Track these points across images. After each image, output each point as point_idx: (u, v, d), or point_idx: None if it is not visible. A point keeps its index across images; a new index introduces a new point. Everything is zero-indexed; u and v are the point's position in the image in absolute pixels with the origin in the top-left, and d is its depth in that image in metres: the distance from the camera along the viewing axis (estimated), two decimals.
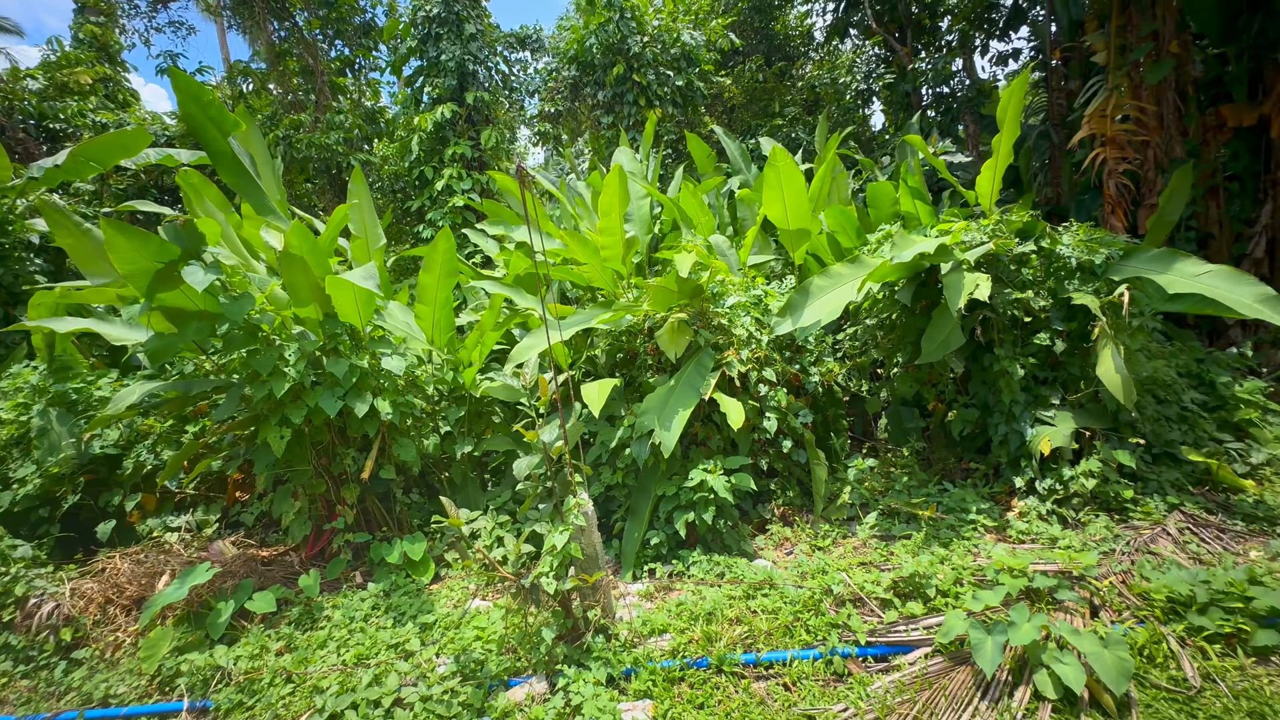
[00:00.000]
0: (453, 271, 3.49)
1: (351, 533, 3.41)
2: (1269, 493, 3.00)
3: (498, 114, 7.97)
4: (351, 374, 3.16)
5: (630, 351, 3.95)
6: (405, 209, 8.02)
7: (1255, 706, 1.69)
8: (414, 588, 3.10)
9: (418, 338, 3.81)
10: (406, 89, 7.86)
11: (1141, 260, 3.22)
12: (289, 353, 3.11)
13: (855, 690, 1.98)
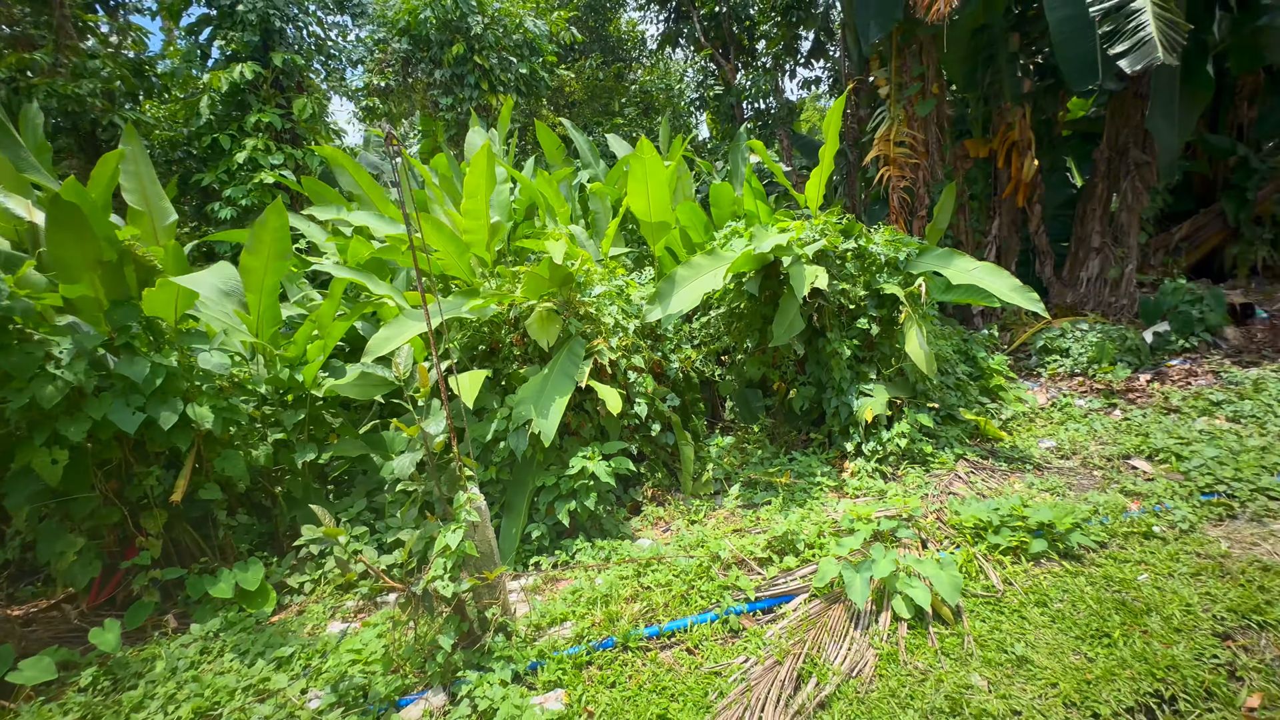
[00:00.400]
0: (284, 254, 3.02)
1: (158, 569, 2.80)
2: (1017, 439, 3.87)
3: (310, 82, 7.05)
4: (154, 375, 2.59)
5: (493, 343, 3.80)
6: (192, 184, 6.72)
7: (1039, 597, 2.18)
8: (252, 622, 2.64)
9: (239, 330, 3.23)
10: (190, 38, 6.57)
11: (931, 257, 3.94)
12: (60, 349, 2.45)
13: (752, 642, 2.15)
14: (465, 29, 6.75)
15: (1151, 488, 2.85)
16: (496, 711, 1.89)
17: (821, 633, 2.12)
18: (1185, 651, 1.86)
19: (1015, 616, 2.10)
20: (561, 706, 1.94)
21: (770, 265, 3.97)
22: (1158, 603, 2.06)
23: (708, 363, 4.70)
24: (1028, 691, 1.78)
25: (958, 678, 1.86)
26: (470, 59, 6.82)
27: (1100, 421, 3.89)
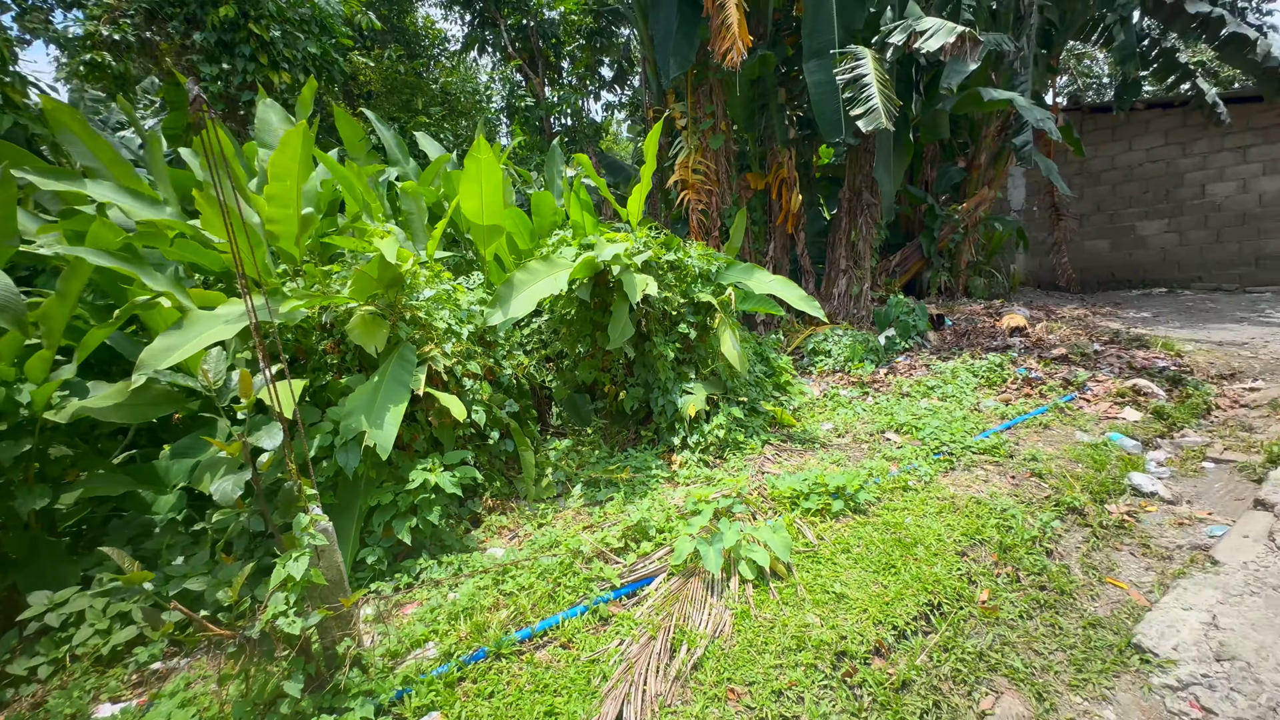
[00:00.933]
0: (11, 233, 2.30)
1: None
2: (805, 425, 4.62)
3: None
4: None
5: (299, 351, 3.36)
6: None
7: (843, 546, 2.67)
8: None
9: None
10: None
11: (736, 271, 4.52)
12: None
13: (624, 625, 2.25)
14: None
15: (902, 453, 3.66)
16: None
17: (685, 604, 2.32)
18: (941, 569, 2.46)
19: (830, 564, 2.54)
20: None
21: (600, 274, 4.16)
22: (920, 537, 2.69)
23: (539, 369, 4.72)
24: (848, 620, 2.18)
25: (798, 620, 2.20)
26: (244, 26, 5.87)
27: (860, 406, 4.84)
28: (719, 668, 2.01)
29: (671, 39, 7.27)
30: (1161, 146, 10.52)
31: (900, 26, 6.28)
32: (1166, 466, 3.49)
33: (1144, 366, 5.06)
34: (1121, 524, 2.87)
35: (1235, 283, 10.11)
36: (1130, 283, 11.03)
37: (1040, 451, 3.56)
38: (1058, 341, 5.98)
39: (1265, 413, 4.15)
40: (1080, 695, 1.90)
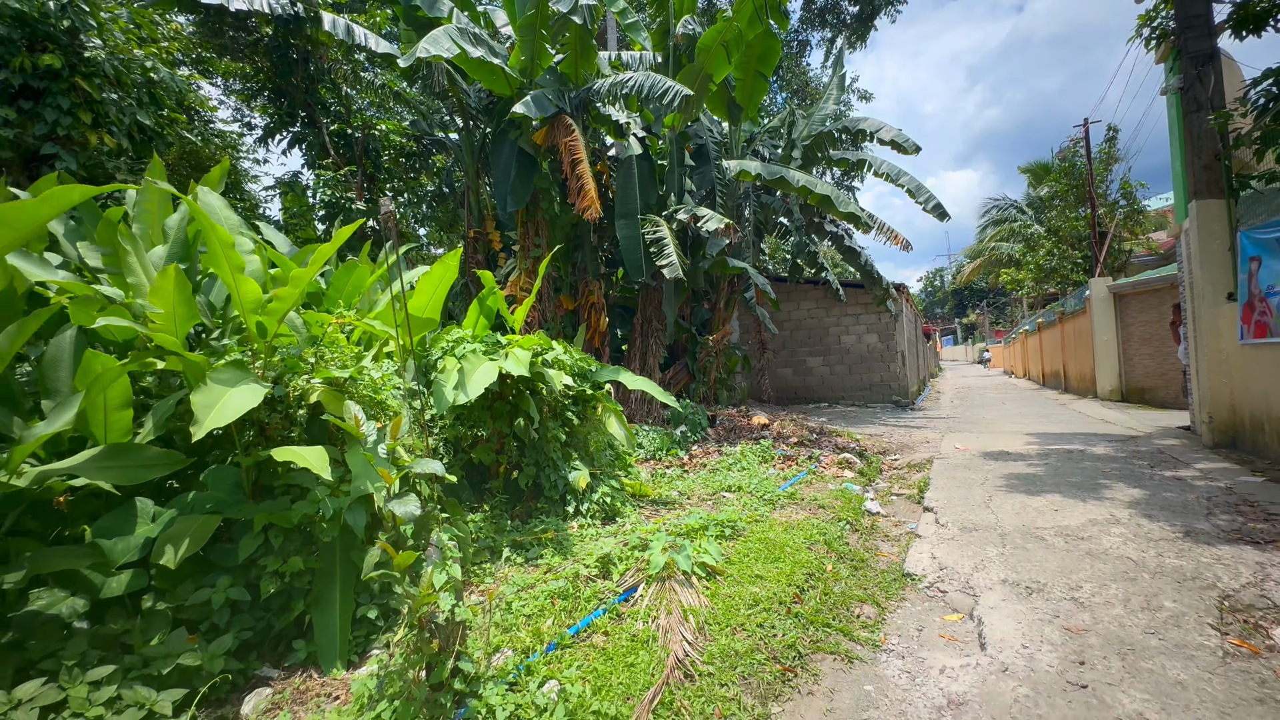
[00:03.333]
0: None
1: None
2: (657, 493, 5.85)
3: None
4: None
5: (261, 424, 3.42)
6: None
7: (743, 552, 3.91)
8: None
9: None
10: None
11: (608, 371, 5.77)
12: None
13: (639, 614, 3.06)
14: (71, 45, 5.26)
15: (742, 502, 5.17)
16: (499, 710, 2.21)
17: (672, 595, 3.24)
18: (803, 557, 3.88)
19: (741, 562, 3.75)
20: (559, 687, 2.40)
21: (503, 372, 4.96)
22: (783, 543, 4.11)
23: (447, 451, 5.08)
24: (771, 588, 3.40)
25: (744, 591, 3.33)
26: (69, 79, 5.29)
27: (691, 479, 6.33)
28: (717, 620, 3.00)
29: (509, 182, 8.69)
30: (815, 308, 15.63)
31: (685, 208, 8.84)
32: (876, 500, 5.71)
33: (844, 447, 7.78)
34: (872, 527, 4.78)
35: (860, 401, 15.18)
36: (805, 398, 15.54)
37: (815, 496, 5.47)
38: (790, 434, 8.58)
39: (906, 470, 6.95)
40: (892, 597, 3.44)
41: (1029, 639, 2.79)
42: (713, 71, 9.00)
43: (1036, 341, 23.93)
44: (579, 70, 8.62)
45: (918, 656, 2.76)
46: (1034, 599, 3.22)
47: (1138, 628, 2.81)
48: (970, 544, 4.17)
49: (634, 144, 9.07)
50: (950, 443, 8.69)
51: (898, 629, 3.07)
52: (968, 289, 66.79)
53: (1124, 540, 3.99)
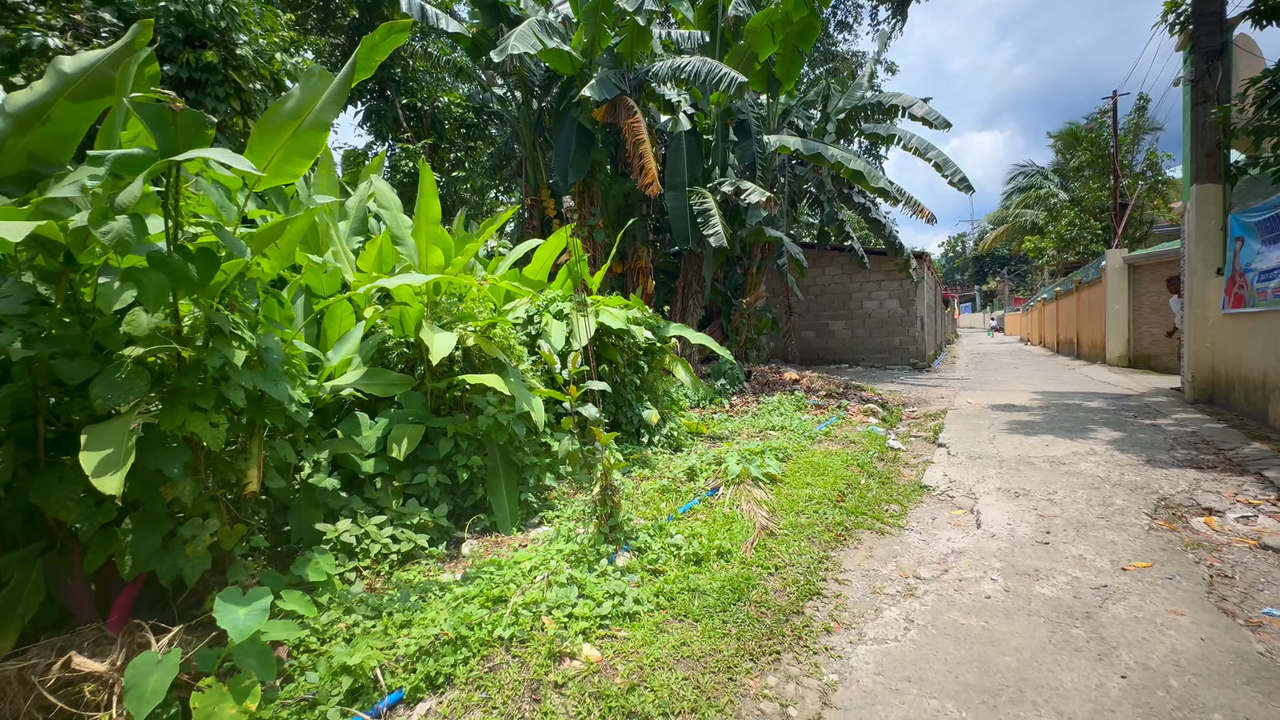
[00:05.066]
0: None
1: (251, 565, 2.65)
2: (711, 430, 6.96)
3: None
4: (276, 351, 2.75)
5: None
6: None
7: (794, 470, 5.01)
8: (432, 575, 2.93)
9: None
10: None
11: (673, 328, 6.80)
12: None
13: (719, 508, 4.17)
14: (225, 42, 6.20)
15: (786, 438, 6.26)
16: (650, 549, 3.33)
17: (746, 491, 4.35)
18: (842, 475, 4.97)
19: (794, 476, 4.85)
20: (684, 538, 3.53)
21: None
22: (824, 466, 5.19)
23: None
24: (819, 491, 4.49)
25: (801, 492, 4.43)
26: (223, 71, 6.27)
27: (735, 421, 7.43)
28: (783, 509, 4.11)
29: (569, 155, 9.56)
30: (839, 274, 16.42)
31: (728, 180, 9.66)
32: (897, 440, 6.77)
33: (868, 399, 8.82)
34: (895, 458, 5.86)
35: (880, 363, 16.12)
36: (827, 360, 16.51)
37: (847, 435, 6.54)
38: (820, 387, 9.62)
39: (923, 419, 8.00)
40: (912, 500, 4.53)
41: (1012, 521, 3.87)
42: (758, 51, 9.69)
43: (1053, 310, 24.51)
44: (634, 50, 9.36)
45: (931, 532, 3.85)
46: (1020, 500, 4.29)
47: (1093, 515, 3.88)
48: (974, 467, 5.24)
49: (684, 120, 9.86)
50: (963, 398, 9.69)
51: (916, 518, 4.17)
52: (989, 256, 66.33)
53: (1096, 465, 5.03)
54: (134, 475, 2.21)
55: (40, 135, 2.47)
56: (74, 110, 2.42)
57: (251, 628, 1.91)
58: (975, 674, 2.22)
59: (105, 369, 2.05)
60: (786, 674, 2.26)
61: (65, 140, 2.58)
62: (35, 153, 2.52)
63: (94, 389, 1.97)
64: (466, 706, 2.02)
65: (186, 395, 2.26)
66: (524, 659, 2.25)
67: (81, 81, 2.37)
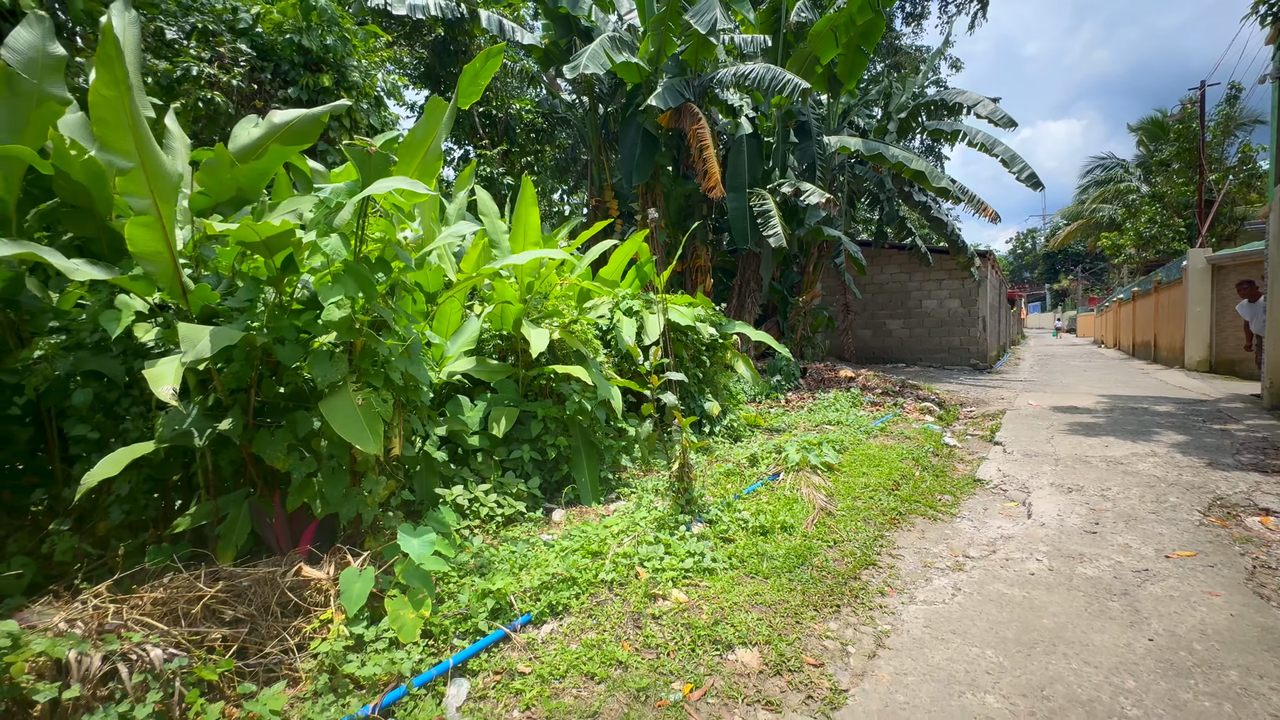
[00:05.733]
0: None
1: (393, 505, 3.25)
2: (768, 423, 7.31)
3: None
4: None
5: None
6: None
7: (851, 460, 5.33)
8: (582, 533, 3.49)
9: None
10: None
11: (736, 325, 7.18)
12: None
13: (787, 487, 4.56)
14: (340, 67, 7.01)
15: (843, 432, 6.55)
16: (721, 521, 3.75)
17: (806, 477, 4.72)
18: (897, 467, 5.25)
19: (851, 466, 5.17)
20: (749, 514, 3.94)
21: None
22: (880, 458, 5.48)
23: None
24: (875, 480, 4.81)
25: (858, 480, 4.76)
26: (335, 92, 7.06)
27: (792, 415, 7.74)
28: (840, 494, 4.46)
29: (634, 159, 10.04)
30: (898, 272, 16.29)
31: (788, 181, 9.92)
32: (953, 437, 6.94)
33: (924, 398, 8.94)
34: (950, 454, 6.07)
35: (938, 363, 15.93)
36: (883, 359, 16.43)
37: (902, 431, 6.77)
38: (875, 385, 9.78)
39: (980, 418, 8.08)
40: (965, 492, 4.78)
41: (1062, 512, 4.09)
42: (820, 54, 9.89)
43: (1130, 311, 23.32)
44: (698, 57, 9.73)
45: (982, 520, 4.13)
46: (1072, 494, 4.48)
47: (1144, 510, 4.05)
48: (1030, 464, 5.41)
49: (745, 124, 10.17)
50: (1024, 400, 9.64)
51: (968, 508, 4.44)
52: (1062, 252, 62.93)
53: (1155, 466, 5.12)
54: (329, 437, 2.83)
55: (248, 169, 3.13)
56: (280, 151, 3.06)
57: (425, 553, 2.48)
58: (1014, 630, 2.56)
59: (315, 352, 2.66)
60: (845, 622, 2.66)
61: (263, 176, 3.24)
62: (242, 184, 3.19)
63: (313, 368, 2.58)
64: (583, 628, 2.53)
65: (363, 375, 2.85)
66: (624, 597, 2.74)
67: (287, 129, 3.00)
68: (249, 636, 2.18)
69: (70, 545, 2.70)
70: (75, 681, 1.69)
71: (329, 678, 2.11)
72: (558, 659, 2.31)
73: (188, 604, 2.12)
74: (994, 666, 2.31)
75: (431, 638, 2.38)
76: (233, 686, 2.02)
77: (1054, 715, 2.02)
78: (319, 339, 2.79)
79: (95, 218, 2.89)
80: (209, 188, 3.11)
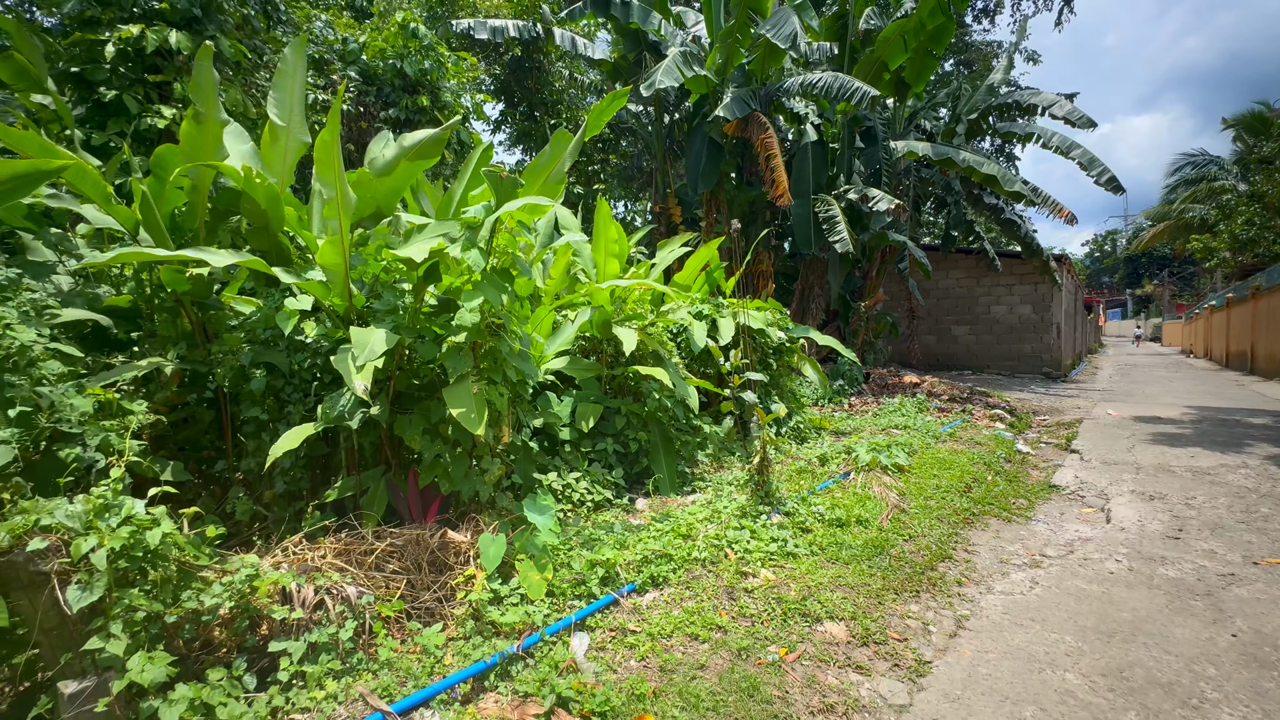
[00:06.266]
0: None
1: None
2: (833, 426, 7.42)
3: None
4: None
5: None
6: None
7: (921, 462, 5.42)
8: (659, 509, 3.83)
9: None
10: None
11: (801, 329, 7.35)
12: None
13: (852, 489, 4.73)
14: (435, 88, 7.65)
15: (907, 435, 6.61)
16: (798, 513, 3.97)
17: (876, 476, 4.87)
18: (968, 470, 5.31)
19: (921, 468, 5.27)
20: (823, 508, 4.14)
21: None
22: (950, 461, 5.54)
23: None
24: (946, 481, 4.90)
25: (929, 481, 4.86)
26: (430, 112, 7.70)
27: (857, 419, 7.82)
28: (911, 494, 4.59)
29: (699, 167, 10.32)
30: (965, 277, 15.89)
31: (854, 188, 9.97)
32: (1026, 445, 6.86)
33: (994, 405, 8.80)
34: (1023, 460, 6.04)
35: (1007, 370, 15.43)
36: (948, 365, 16.04)
37: (972, 437, 6.76)
38: (942, 391, 9.68)
39: (1054, 427, 7.91)
40: (1040, 498, 4.81)
41: (1144, 519, 4.10)
42: (889, 60, 9.91)
43: (1223, 318, 21.75)
44: (765, 67, 9.93)
45: (1058, 524, 4.18)
46: (1155, 502, 4.45)
47: (1232, 519, 4.01)
48: (1108, 472, 5.35)
49: (810, 131, 10.29)
50: (1102, 409, 9.32)
51: (1044, 513, 4.48)
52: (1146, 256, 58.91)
53: (1246, 477, 4.97)
54: (453, 424, 3.25)
55: (385, 189, 3.61)
56: (409, 169, 3.52)
57: (548, 524, 2.85)
58: (1093, 621, 2.69)
59: (450, 348, 3.08)
60: (925, 605, 2.86)
61: (396, 193, 3.72)
62: (380, 202, 3.68)
63: (448, 361, 3.00)
64: (682, 598, 2.83)
65: (485, 371, 3.26)
66: (717, 573, 3.03)
67: (415, 150, 3.45)
68: (406, 586, 2.60)
69: (249, 507, 3.22)
70: (298, 606, 2.12)
71: (474, 623, 2.49)
72: (663, 621, 2.62)
73: (361, 555, 2.55)
74: (1073, 650, 2.46)
75: (553, 597, 2.73)
76: (401, 624, 2.43)
77: (1133, 693, 2.17)
78: (451, 338, 3.22)
79: (270, 234, 3.42)
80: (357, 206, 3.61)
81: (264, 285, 3.58)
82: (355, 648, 2.21)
